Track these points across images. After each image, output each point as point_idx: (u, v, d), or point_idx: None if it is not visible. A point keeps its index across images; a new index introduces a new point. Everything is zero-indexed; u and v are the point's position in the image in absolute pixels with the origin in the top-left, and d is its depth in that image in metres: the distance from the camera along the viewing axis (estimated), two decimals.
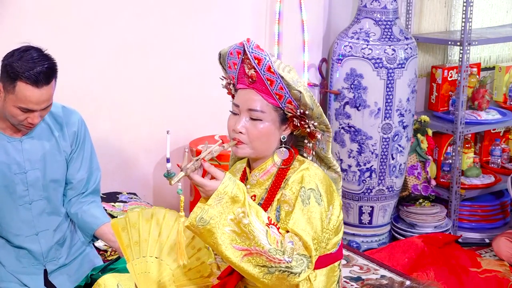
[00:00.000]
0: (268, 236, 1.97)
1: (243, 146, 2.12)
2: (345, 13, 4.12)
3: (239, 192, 1.99)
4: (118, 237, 2.24)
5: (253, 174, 2.18)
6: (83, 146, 2.72)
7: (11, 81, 2.41)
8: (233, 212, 1.97)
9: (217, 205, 1.97)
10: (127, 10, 3.52)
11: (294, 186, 2.07)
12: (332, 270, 2.18)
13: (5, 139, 2.56)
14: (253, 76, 2.08)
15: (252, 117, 2.10)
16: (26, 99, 2.41)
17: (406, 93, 3.80)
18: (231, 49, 2.12)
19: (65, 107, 2.71)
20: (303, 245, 2.00)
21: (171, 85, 3.71)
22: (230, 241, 1.97)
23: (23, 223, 2.61)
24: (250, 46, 2.06)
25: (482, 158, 4.62)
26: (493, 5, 4.68)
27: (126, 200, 3.50)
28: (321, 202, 2.06)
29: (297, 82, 2.05)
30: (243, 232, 1.97)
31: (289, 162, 2.14)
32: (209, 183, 1.98)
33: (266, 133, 2.11)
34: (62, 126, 2.67)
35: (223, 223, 1.97)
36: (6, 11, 3.22)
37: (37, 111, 2.46)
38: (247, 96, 2.11)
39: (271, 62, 2.04)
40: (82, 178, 2.73)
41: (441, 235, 3.93)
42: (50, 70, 2.45)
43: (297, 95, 2.06)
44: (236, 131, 2.11)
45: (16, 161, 2.57)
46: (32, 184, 2.60)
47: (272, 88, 2.07)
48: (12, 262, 2.64)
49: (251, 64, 2.07)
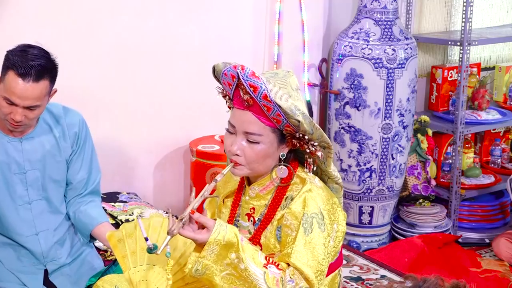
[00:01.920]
0: (267, 278, 1.94)
1: (240, 168, 2.07)
2: (345, 13, 4.12)
3: (232, 237, 1.94)
4: (115, 248, 2.24)
5: (252, 188, 2.14)
6: (83, 147, 2.71)
7: (5, 69, 2.43)
8: (228, 257, 1.95)
9: (210, 255, 1.94)
10: (127, 10, 3.52)
11: (296, 211, 2.02)
12: (334, 278, 2.17)
13: (5, 138, 2.56)
14: (249, 100, 2.00)
15: (249, 139, 2.04)
16: (10, 89, 2.41)
17: (406, 93, 3.80)
18: (225, 70, 2.03)
19: (66, 108, 2.71)
20: (305, 280, 1.97)
21: (171, 85, 3.71)
22: (229, 284, 1.96)
23: (23, 223, 2.61)
24: (245, 74, 1.96)
25: (482, 158, 4.62)
26: (493, 5, 4.68)
27: (126, 200, 3.50)
28: (324, 227, 2.01)
29: (295, 111, 1.96)
30: (240, 276, 1.95)
31: (288, 181, 2.09)
32: (200, 236, 1.94)
33: (264, 155, 2.05)
34: (63, 126, 2.66)
35: (220, 269, 1.96)
36: (6, 11, 3.22)
37: (19, 107, 2.43)
38: (243, 117, 2.04)
39: (267, 90, 1.95)
40: (82, 179, 2.73)
41: (441, 235, 3.93)
42: (43, 69, 2.43)
43: (296, 124, 1.99)
44: (232, 153, 2.06)
45: (15, 161, 2.57)
46: (31, 184, 2.60)
47: (269, 113, 2.00)
48: (12, 261, 2.64)
49: (246, 90, 1.98)
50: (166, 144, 3.77)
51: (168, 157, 3.79)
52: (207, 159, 3.56)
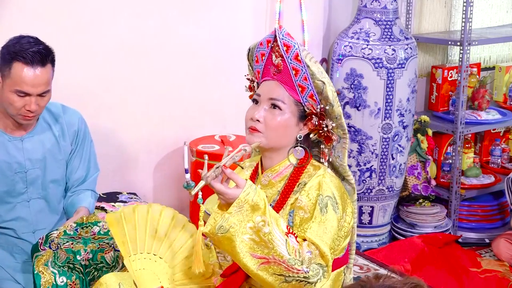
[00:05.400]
0: (288, 245, 1.95)
1: (258, 134, 2.11)
2: (345, 13, 4.12)
3: (260, 200, 1.96)
4: (113, 231, 2.23)
5: (265, 175, 2.17)
6: (82, 146, 2.72)
7: (8, 63, 2.44)
8: (252, 220, 1.95)
9: (237, 213, 1.94)
10: (127, 10, 3.52)
11: (311, 193, 2.06)
12: (339, 274, 2.18)
13: (6, 137, 2.57)
14: (279, 65, 2.10)
15: (273, 104, 2.10)
16: (21, 80, 2.42)
17: (406, 93, 3.80)
18: (262, 40, 2.16)
19: (65, 106, 2.72)
20: (320, 255, 1.99)
21: (171, 85, 3.71)
22: (248, 249, 1.95)
23: (21, 221, 2.61)
24: (281, 32, 2.09)
25: (482, 158, 4.62)
26: (493, 5, 4.68)
27: (126, 200, 3.50)
28: (337, 210, 2.05)
29: (322, 73, 2.09)
30: (262, 240, 1.95)
31: (304, 161, 2.13)
32: (231, 191, 1.95)
33: (284, 124, 2.10)
34: (62, 125, 2.67)
35: (242, 231, 1.95)
36: (6, 10, 3.22)
37: (33, 96, 2.45)
38: (270, 86, 2.13)
39: (299, 50, 2.07)
40: (80, 177, 2.74)
41: (441, 235, 3.93)
42: (46, 51, 2.47)
43: (320, 87, 2.07)
44: (253, 119, 2.11)
45: (16, 160, 2.58)
46: (31, 183, 2.60)
47: (296, 78, 2.08)
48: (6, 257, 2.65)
49: (279, 52, 2.09)
50: (166, 144, 3.77)
51: (168, 157, 3.79)
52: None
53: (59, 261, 2.39)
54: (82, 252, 2.40)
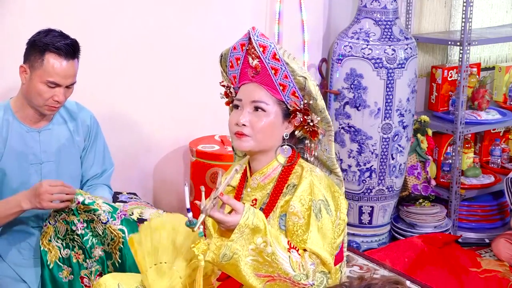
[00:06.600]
0: (291, 261, 1.97)
1: (246, 139, 2.11)
2: (345, 13, 4.12)
3: (259, 222, 1.96)
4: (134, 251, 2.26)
5: (253, 178, 2.17)
6: (95, 141, 2.81)
7: (40, 54, 2.50)
8: (254, 242, 1.95)
9: (239, 239, 1.94)
10: (127, 10, 3.52)
11: (303, 198, 2.06)
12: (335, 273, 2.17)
13: (24, 128, 2.62)
14: (257, 66, 2.09)
15: (256, 107, 2.10)
16: (54, 71, 2.49)
17: (406, 93, 3.80)
18: (235, 44, 2.14)
19: (79, 104, 2.81)
20: (322, 262, 2.01)
21: (171, 85, 3.71)
22: (252, 270, 1.96)
23: (31, 214, 2.63)
24: (255, 34, 2.08)
25: (482, 158, 4.62)
26: (493, 5, 4.69)
27: (126, 200, 3.49)
28: (330, 212, 2.07)
29: (301, 69, 2.08)
30: (265, 261, 1.96)
31: (292, 159, 2.14)
32: (231, 218, 1.95)
33: (270, 125, 2.11)
34: (76, 120, 2.75)
35: (245, 254, 1.95)
36: (6, 10, 3.22)
37: (62, 87, 2.53)
38: (250, 89, 2.12)
39: (276, 49, 2.06)
40: (96, 173, 2.81)
41: (441, 235, 3.93)
42: (76, 44, 2.57)
43: (302, 82, 2.07)
44: (239, 124, 2.10)
45: (33, 151, 2.64)
46: (45, 176, 2.64)
47: (276, 77, 2.07)
48: (13, 253, 2.67)
49: (255, 53, 2.08)
50: (166, 144, 3.77)
51: (168, 157, 3.80)
52: (207, 159, 3.56)
53: (60, 234, 2.56)
54: (76, 222, 2.54)
